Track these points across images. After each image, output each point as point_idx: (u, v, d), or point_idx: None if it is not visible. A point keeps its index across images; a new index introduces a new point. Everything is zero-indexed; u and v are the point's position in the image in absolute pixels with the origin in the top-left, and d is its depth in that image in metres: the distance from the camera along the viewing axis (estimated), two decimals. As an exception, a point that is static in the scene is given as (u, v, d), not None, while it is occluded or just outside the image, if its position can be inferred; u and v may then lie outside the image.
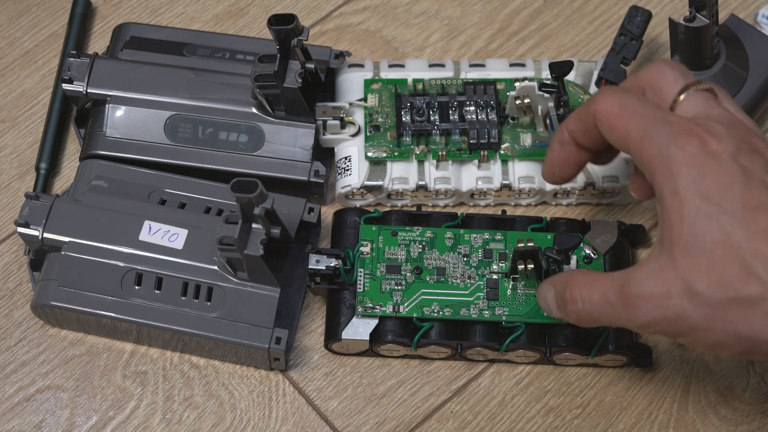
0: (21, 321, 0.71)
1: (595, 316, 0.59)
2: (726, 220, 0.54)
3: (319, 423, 0.68)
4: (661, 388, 0.69)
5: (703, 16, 0.70)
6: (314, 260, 0.67)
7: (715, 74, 0.73)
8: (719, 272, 0.54)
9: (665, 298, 0.56)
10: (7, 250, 0.73)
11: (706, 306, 0.55)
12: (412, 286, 0.68)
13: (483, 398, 0.69)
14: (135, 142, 0.72)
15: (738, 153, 0.56)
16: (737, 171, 0.55)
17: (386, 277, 0.68)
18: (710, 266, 0.55)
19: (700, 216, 0.55)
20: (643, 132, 0.58)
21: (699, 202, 0.55)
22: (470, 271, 0.68)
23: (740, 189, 0.55)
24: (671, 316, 0.56)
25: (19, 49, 0.80)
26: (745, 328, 0.54)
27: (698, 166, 0.56)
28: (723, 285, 0.54)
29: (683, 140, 0.56)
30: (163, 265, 0.68)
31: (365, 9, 0.82)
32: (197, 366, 0.69)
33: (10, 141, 0.77)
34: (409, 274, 0.68)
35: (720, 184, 0.55)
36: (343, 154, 0.73)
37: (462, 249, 0.69)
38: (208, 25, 0.81)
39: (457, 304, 0.67)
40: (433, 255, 0.69)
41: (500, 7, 0.81)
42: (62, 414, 0.68)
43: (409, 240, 0.69)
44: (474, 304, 0.67)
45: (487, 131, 0.72)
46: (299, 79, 0.70)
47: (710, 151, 0.56)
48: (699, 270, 0.55)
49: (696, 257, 0.55)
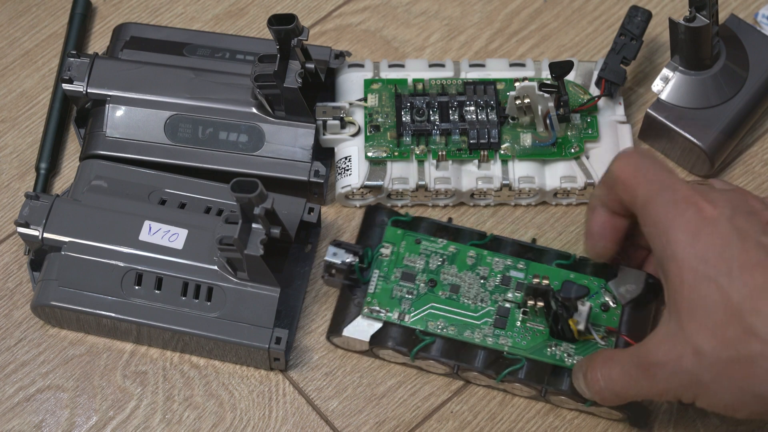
0: (21, 321, 0.71)
1: (617, 392, 0.61)
2: (724, 281, 0.56)
3: (319, 423, 0.68)
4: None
5: (703, 16, 0.70)
6: (332, 252, 0.67)
7: (715, 74, 0.73)
8: (722, 332, 0.56)
9: (678, 362, 0.57)
10: (7, 250, 0.73)
11: (714, 367, 0.56)
12: (423, 297, 0.68)
13: (483, 398, 0.69)
14: (135, 142, 0.72)
15: (734, 216, 0.58)
16: (733, 233, 0.57)
17: (399, 283, 0.68)
18: (714, 327, 0.56)
19: (699, 279, 0.56)
20: (649, 197, 0.60)
21: (696, 265, 0.57)
22: (484, 295, 0.68)
23: (736, 249, 0.56)
24: (685, 381, 0.57)
25: (19, 49, 0.80)
26: (750, 386, 0.56)
27: (694, 230, 0.57)
28: (726, 345, 0.56)
29: (682, 207, 0.58)
30: (163, 265, 0.68)
31: (365, 9, 0.82)
32: (197, 366, 0.69)
33: (10, 141, 0.77)
34: (422, 285, 0.68)
35: (716, 247, 0.57)
36: (343, 154, 0.73)
37: (481, 270, 0.68)
38: (208, 25, 0.81)
39: (462, 325, 0.67)
40: (451, 271, 0.68)
41: (500, 7, 0.81)
42: (62, 414, 0.68)
43: (430, 251, 0.69)
44: (480, 329, 0.67)
45: (487, 131, 0.72)
46: (299, 79, 0.70)
47: (706, 216, 0.58)
48: (704, 332, 0.56)
49: (700, 320, 0.56)
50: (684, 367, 0.57)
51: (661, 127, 0.73)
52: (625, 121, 0.74)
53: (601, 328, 0.67)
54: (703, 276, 0.56)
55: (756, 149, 0.76)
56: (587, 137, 0.73)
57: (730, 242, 0.57)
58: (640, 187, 0.60)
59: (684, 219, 0.58)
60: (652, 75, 0.78)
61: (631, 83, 0.78)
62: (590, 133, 0.73)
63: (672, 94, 0.73)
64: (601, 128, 0.73)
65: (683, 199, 0.58)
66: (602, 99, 0.74)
